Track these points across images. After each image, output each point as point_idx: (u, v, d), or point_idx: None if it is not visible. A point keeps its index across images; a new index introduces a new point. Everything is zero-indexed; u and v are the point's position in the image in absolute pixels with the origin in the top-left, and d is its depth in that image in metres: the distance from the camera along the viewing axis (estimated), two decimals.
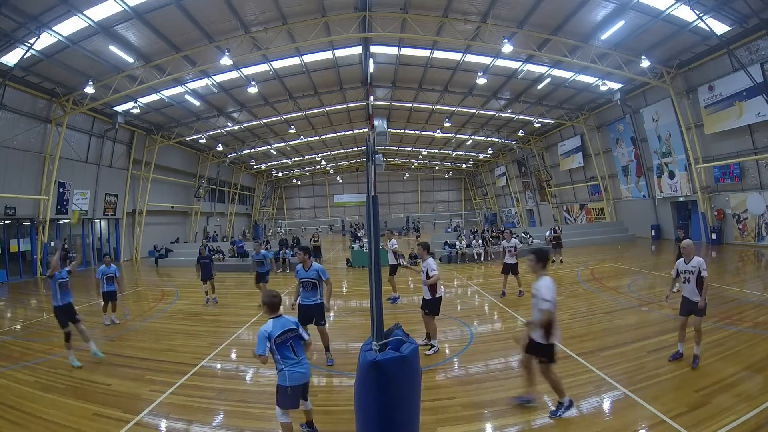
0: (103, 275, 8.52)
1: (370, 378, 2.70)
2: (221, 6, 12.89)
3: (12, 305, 11.67)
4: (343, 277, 14.49)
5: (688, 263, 5.05)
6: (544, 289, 3.86)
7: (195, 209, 31.55)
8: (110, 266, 8.68)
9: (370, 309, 2.80)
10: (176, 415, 4.37)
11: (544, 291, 3.85)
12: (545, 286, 3.88)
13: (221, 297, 10.91)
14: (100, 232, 22.73)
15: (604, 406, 4.22)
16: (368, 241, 3.11)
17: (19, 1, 11.00)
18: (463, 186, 53.29)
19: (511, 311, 8.24)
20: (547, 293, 3.82)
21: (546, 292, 3.83)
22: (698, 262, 4.97)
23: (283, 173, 46.06)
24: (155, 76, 15.70)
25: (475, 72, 18.79)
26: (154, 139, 24.33)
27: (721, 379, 4.51)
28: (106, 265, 8.67)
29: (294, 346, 3.61)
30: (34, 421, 4.26)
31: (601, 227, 24.02)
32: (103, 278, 8.51)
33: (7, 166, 15.70)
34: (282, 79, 19.42)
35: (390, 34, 15.22)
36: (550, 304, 3.79)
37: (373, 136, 12.25)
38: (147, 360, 6.15)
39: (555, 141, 30.40)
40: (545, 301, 3.80)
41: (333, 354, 5.81)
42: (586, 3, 13.20)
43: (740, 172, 16.52)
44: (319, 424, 4.18)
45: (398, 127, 30.62)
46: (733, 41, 14.12)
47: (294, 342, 3.62)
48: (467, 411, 4.24)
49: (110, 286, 8.54)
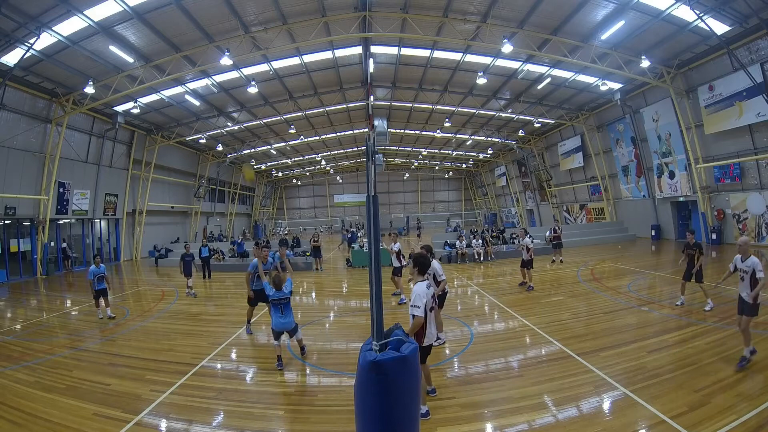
0: (95, 275, 9.03)
1: (370, 378, 2.70)
2: (221, 6, 12.89)
3: (12, 305, 11.67)
4: (344, 277, 14.50)
5: (744, 261, 5.04)
6: (414, 295, 4.00)
7: (195, 209, 31.56)
8: (100, 266, 9.23)
9: (370, 309, 2.80)
10: (176, 415, 4.38)
11: (414, 297, 4.00)
12: (416, 293, 4.01)
13: (221, 297, 10.91)
14: (100, 232, 22.73)
15: (604, 406, 4.22)
16: (368, 241, 3.11)
17: (19, 1, 11.00)
18: (463, 186, 53.30)
19: (511, 311, 8.24)
20: (417, 300, 3.97)
21: (416, 298, 3.98)
22: (753, 262, 4.95)
23: (283, 173, 46.07)
24: (155, 76, 15.70)
25: (475, 72, 18.79)
26: (154, 139, 24.33)
27: (721, 379, 4.51)
28: (96, 265, 9.19)
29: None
30: (34, 421, 4.27)
31: (601, 227, 24.01)
32: (95, 278, 9.03)
33: (7, 166, 15.70)
34: (282, 79, 19.42)
35: (390, 34, 15.22)
36: (419, 310, 3.94)
37: (373, 136, 12.26)
38: (147, 360, 6.15)
39: (555, 141, 30.40)
40: (415, 307, 3.95)
41: (333, 353, 5.82)
42: (586, 3, 13.19)
43: (740, 172, 16.51)
44: (319, 423, 4.19)
45: (398, 127, 30.62)
46: (733, 41, 14.12)
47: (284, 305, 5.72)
48: (467, 411, 4.24)
49: (101, 285, 9.09)
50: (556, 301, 8.97)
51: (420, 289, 4.05)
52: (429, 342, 4.18)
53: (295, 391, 5.03)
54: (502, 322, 7.77)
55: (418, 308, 3.92)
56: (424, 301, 3.97)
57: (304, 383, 5.31)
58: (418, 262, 4.35)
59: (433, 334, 4.25)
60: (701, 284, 7.59)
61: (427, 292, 4.11)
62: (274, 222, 50.63)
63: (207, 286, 13.65)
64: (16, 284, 15.47)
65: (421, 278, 4.30)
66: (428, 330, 4.13)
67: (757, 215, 16.20)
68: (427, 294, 4.10)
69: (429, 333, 4.15)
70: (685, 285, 7.85)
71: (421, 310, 3.93)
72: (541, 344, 6.19)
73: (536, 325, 7.10)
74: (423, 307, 3.95)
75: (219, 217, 36.78)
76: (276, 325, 5.72)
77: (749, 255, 5.02)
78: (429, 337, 4.16)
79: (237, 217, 40.57)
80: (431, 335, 4.21)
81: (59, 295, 13.44)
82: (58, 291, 14.27)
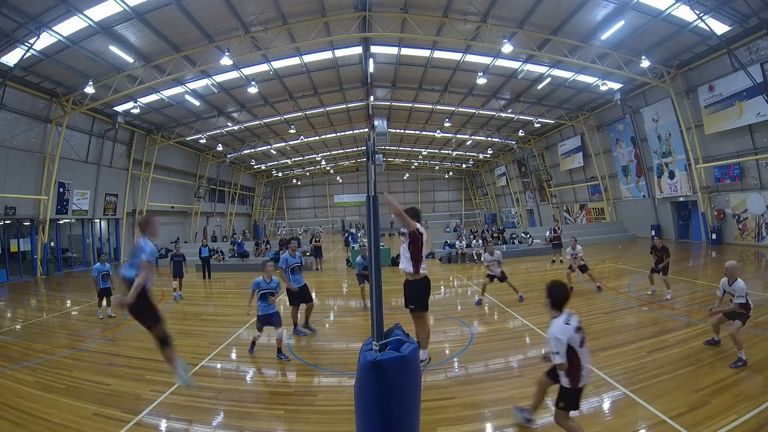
0: (99, 273, 8.91)
1: (370, 378, 2.70)
2: (221, 6, 12.89)
3: (12, 305, 11.66)
4: (344, 277, 14.49)
5: (732, 285, 5.24)
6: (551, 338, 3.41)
7: (195, 209, 31.56)
8: (105, 264, 9.10)
9: (370, 309, 2.80)
10: (176, 415, 4.37)
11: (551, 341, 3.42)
12: (552, 335, 3.38)
13: (221, 297, 10.91)
14: (100, 232, 22.74)
15: (604, 406, 4.22)
16: (368, 240, 3.11)
17: (19, 1, 11.00)
18: (463, 186, 53.30)
19: (511, 311, 8.24)
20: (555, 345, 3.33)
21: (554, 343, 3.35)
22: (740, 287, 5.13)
23: (283, 173, 46.06)
24: (155, 76, 15.70)
25: (475, 72, 18.80)
26: (154, 139, 24.33)
27: (721, 379, 4.51)
28: (102, 263, 9.07)
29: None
30: (34, 421, 4.26)
31: (601, 227, 24.02)
32: (99, 276, 8.90)
33: (7, 166, 15.70)
34: (282, 79, 19.42)
35: (390, 34, 15.22)
36: (559, 357, 3.33)
37: (373, 136, 12.27)
38: (147, 360, 6.14)
39: (555, 141, 30.40)
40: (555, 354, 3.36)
41: (333, 354, 5.82)
42: (586, 3, 13.20)
43: (740, 172, 16.51)
44: (319, 423, 4.19)
45: (398, 127, 30.62)
46: (733, 41, 14.12)
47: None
48: (467, 411, 4.24)
49: (105, 283, 8.97)
50: None
51: (556, 329, 3.30)
52: (584, 382, 3.36)
53: (295, 391, 5.02)
54: (502, 322, 7.77)
55: (558, 355, 3.25)
56: (564, 342, 3.24)
57: (304, 383, 5.31)
58: (554, 294, 3.45)
59: (586, 370, 3.36)
60: (665, 277, 8.66)
61: (565, 329, 3.29)
62: (274, 222, 50.61)
63: (207, 286, 13.65)
64: (16, 284, 15.47)
65: (557, 313, 3.43)
66: (584, 370, 3.33)
67: (757, 215, 16.20)
68: (565, 331, 3.28)
69: (585, 372, 3.34)
70: (653, 277, 9.06)
71: (561, 357, 3.24)
72: (541, 344, 6.18)
73: (536, 325, 7.10)
74: (564, 352, 3.25)
75: (219, 217, 36.77)
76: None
77: (735, 279, 5.18)
78: (585, 376, 3.34)
79: (237, 217, 40.56)
80: (587, 374, 3.37)
81: (59, 295, 13.45)
82: (58, 291, 14.27)
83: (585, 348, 3.37)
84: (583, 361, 3.32)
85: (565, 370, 3.30)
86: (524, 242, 19.98)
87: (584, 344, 3.36)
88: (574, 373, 3.31)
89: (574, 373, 3.31)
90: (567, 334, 3.28)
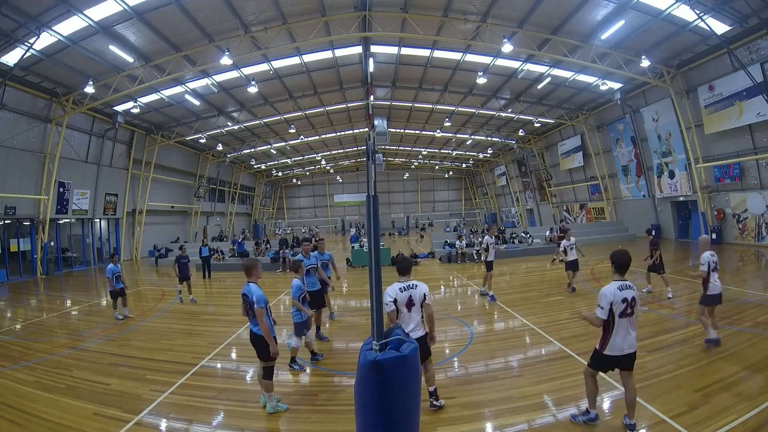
0: (114, 274, 8.87)
1: (370, 378, 2.70)
2: (221, 6, 12.88)
3: (12, 305, 11.67)
4: (343, 277, 14.48)
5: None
6: (600, 295, 3.69)
7: (195, 209, 31.56)
8: (117, 265, 9.09)
9: (370, 309, 2.80)
10: (176, 415, 4.37)
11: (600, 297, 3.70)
12: (602, 293, 3.67)
13: (221, 297, 10.91)
14: (100, 232, 22.74)
15: (604, 406, 4.22)
16: (368, 240, 3.10)
17: (19, 1, 11.00)
18: (463, 186, 53.29)
19: (511, 311, 8.24)
20: (601, 300, 3.66)
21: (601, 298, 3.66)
22: (702, 258, 5.62)
23: (283, 173, 46.05)
24: (155, 75, 15.70)
25: (475, 71, 18.78)
26: (154, 138, 24.32)
27: (721, 379, 4.51)
28: (114, 263, 9.07)
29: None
30: (34, 421, 4.26)
31: (601, 227, 24.01)
32: (114, 277, 8.86)
33: (7, 165, 15.70)
34: (282, 78, 19.41)
35: (390, 34, 15.21)
36: (602, 311, 3.64)
37: (373, 136, 12.21)
38: (147, 360, 6.15)
39: (555, 141, 30.40)
40: (599, 307, 3.70)
41: (333, 354, 5.81)
42: (586, 3, 13.19)
43: (740, 172, 16.51)
44: (319, 423, 4.19)
45: (398, 126, 30.61)
46: (733, 41, 14.11)
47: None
48: (467, 411, 4.24)
49: (119, 284, 8.94)
50: (555, 301, 8.96)
51: (608, 288, 3.62)
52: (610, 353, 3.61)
53: (295, 391, 5.02)
54: (502, 321, 7.77)
55: (601, 309, 3.59)
56: (609, 300, 3.54)
57: (304, 383, 5.31)
58: (615, 260, 3.75)
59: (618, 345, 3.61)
60: (662, 275, 8.87)
61: (615, 292, 3.57)
62: (274, 222, 50.61)
63: (207, 286, 13.65)
64: (16, 284, 15.47)
65: (618, 277, 3.73)
66: (613, 339, 3.60)
67: (757, 215, 16.20)
68: (614, 293, 3.56)
69: (613, 343, 3.60)
70: (650, 275, 9.22)
71: (602, 313, 3.57)
72: (541, 344, 6.19)
73: (536, 324, 7.10)
74: (607, 309, 3.55)
75: (219, 216, 36.77)
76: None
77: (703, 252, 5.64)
78: (612, 347, 3.60)
79: (237, 216, 40.56)
80: (615, 346, 3.60)
81: (59, 295, 13.45)
82: (58, 291, 14.27)
83: (624, 321, 3.59)
84: (615, 331, 3.59)
85: (598, 326, 3.64)
86: (524, 242, 19.99)
87: (625, 317, 3.58)
88: (603, 335, 3.65)
89: (603, 335, 3.65)
90: (614, 296, 3.56)
